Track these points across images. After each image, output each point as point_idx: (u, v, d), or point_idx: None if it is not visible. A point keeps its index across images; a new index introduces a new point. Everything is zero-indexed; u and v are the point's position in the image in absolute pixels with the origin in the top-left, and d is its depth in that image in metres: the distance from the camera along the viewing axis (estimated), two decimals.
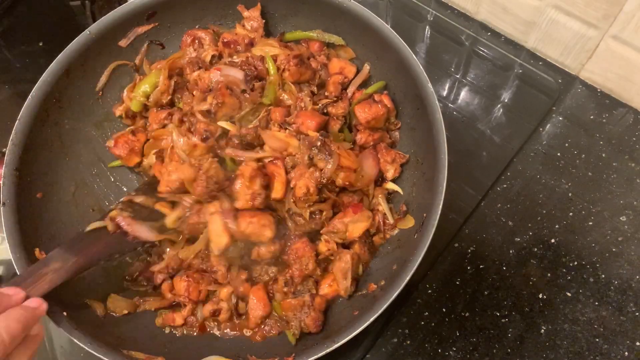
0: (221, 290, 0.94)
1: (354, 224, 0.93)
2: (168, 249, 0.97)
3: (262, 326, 0.93)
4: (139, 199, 0.93)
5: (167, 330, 0.95)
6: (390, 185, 0.99)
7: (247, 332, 0.94)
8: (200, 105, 0.95)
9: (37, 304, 0.74)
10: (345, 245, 0.95)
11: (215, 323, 0.96)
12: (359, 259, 0.93)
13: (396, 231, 0.96)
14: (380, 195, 0.97)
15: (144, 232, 0.89)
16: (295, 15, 1.12)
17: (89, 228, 0.89)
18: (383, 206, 0.96)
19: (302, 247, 0.91)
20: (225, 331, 0.95)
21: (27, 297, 0.74)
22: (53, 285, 0.79)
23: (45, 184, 0.98)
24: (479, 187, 1.06)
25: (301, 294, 0.90)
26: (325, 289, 0.92)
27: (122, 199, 0.94)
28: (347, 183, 0.93)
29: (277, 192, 0.90)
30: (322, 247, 0.93)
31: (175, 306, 0.97)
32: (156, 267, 0.96)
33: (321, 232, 0.93)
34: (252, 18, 1.09)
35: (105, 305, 0.92)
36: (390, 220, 0.96)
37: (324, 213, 0.93)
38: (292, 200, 0.91)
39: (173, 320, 0.94)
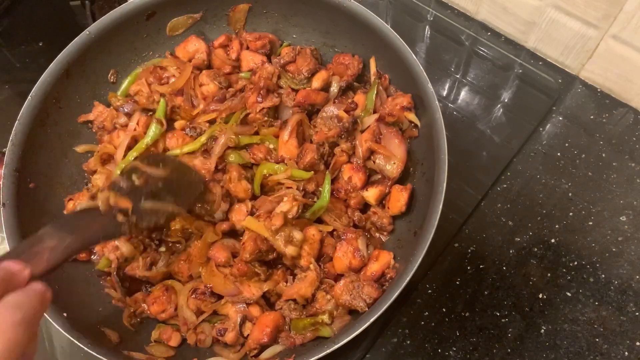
0: (224, 308, 0.90)
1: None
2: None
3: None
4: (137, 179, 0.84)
5: None
6: (411, 116, 0.98)
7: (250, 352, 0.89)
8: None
9: (42, 289, 0.57)
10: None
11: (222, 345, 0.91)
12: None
13: None
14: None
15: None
16: (295, 15, 1.12)
17: (79, 207, 0.83)
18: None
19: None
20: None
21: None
22: (51, 266, 0.68)
23: (46, 184, 0.98)
24: (479, 187, 1.06)
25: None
26: (374, 266, 0.90)
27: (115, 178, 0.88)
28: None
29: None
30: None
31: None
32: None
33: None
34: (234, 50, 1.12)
35: (119, 333, 0.89)
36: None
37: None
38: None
39: (169, 339, 0.91)
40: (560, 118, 1.12)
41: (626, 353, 0.89)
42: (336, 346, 0.77)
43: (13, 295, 0.52)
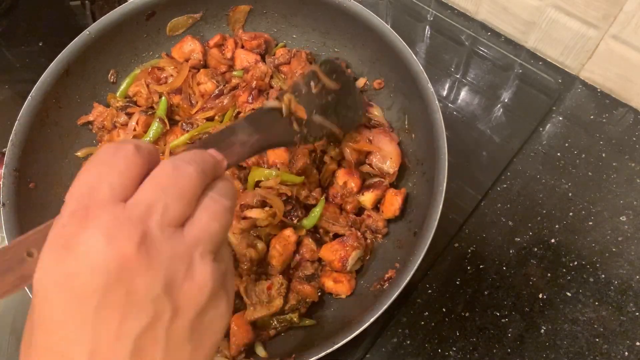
0: None
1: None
2: None
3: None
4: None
5: None
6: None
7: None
8: None
9: (232, 181, 0.56)
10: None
11: None
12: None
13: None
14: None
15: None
16: (295, 15, 1.12)
17: (267, 106, 0.81)
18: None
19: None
20: None
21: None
22: (239, 159, 0.68)
23: (46, 184, 0.98)
24: (479, 187, 1.06)
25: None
26: (336, 285, 0.92)
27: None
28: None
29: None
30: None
31: None
32: None
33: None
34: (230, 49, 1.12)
35: None
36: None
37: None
38: None
39: None
40: (560, 118, 1.12)
41: (626, 353, 0.89)
42: (336, 346, 0.77)
43: (222, 183, 0.51)
